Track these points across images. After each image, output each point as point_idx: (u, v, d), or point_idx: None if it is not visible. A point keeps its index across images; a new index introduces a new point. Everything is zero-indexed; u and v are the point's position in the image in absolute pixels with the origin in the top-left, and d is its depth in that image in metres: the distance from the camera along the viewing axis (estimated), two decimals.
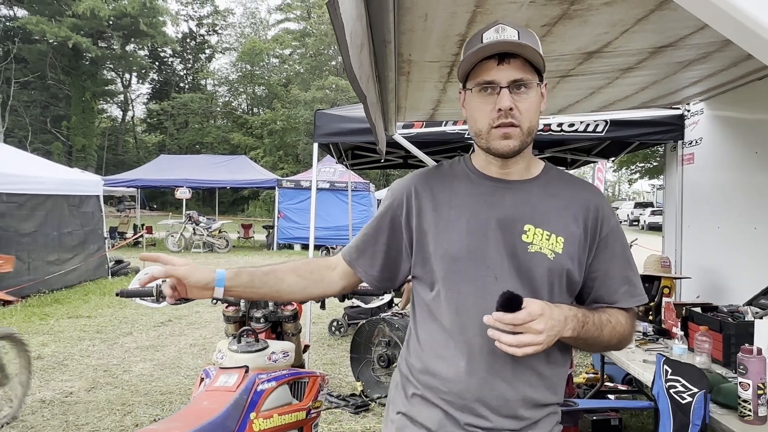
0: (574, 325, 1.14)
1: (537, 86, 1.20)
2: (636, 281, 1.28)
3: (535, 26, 1.98)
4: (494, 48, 1.16)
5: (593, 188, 1.33)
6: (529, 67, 1.18)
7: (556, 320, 1.10)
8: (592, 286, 1.27)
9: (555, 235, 1.21)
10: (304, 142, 33.55)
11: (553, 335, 1.10)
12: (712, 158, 3.98)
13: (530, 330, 1.06)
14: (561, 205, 1.25)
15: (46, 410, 4.19)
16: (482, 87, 1.19)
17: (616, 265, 1.26)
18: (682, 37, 2.22)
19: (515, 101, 1.16)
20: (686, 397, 2.15)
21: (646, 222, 29.21)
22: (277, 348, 1.81)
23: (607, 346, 1.27)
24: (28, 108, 35.24)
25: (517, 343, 1.06)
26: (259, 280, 1.34)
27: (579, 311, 1.17)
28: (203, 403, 1.52)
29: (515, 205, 1.24)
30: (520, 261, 1.20)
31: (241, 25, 47.66)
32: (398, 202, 1.33)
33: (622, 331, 1.25)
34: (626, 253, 1.29)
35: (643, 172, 30.60)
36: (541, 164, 1.32)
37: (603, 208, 1.27)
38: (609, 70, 2.74)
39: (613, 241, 1.26)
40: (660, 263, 3.83)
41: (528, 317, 1.05)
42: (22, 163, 9.24)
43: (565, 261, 1.21)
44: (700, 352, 2.76)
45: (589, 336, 1.18)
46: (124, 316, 7.49)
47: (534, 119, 1.21)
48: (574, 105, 3.68)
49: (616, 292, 1.26)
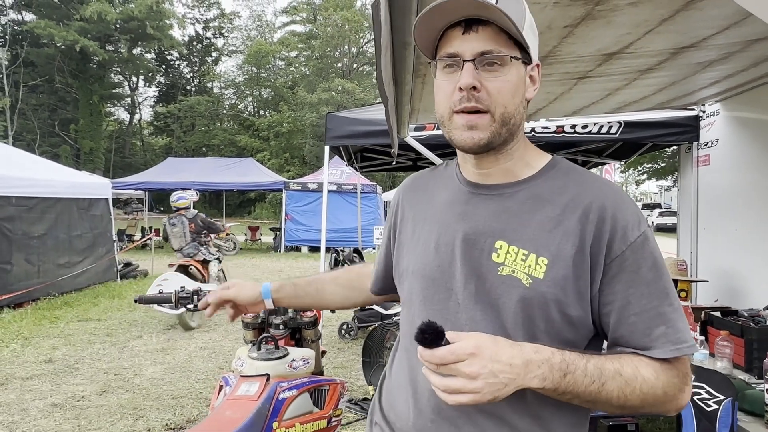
0: (544, 372, 0.84)
1: (516, 63, 0.93)
2: (677, 320, 0.91)
3: (558, 27, 1.95)
4: (451, 9, 0.90)
5: (607, 189, 0.97)
6: (505, 39, 0.92)
7: (503, 364, 0.82)
8: (608, 324, 0.94)
9: (535, 255, 0.93)
10: (311, 144, 33.61)
11: (500, 384, 0.82)
12: (728, 159, 3.94)
13: (459, 373, 0.81)
14: (552, 215, 0.95)
15: (58, 414, 4.18)
16: (446, 62, 0.95)
17: (642, 296, 0.91)
18: (705, 37, 2.18)
19: (483, 79, 0.91)
20: (711, 404, 2.11)
21: (654, 223, 29.04)
22: (298, 355, 1.79)
23: (623, 407, 0.90)
24: (36, 111, 35.46)
25: (444, 388, 0.82)
26: (302, 290, 1.38)
27: (557, 354, 0.86)
28: (226, 412, 1.50)
29: (488, 217, 0.98)
30: (487, 286, 0.95)
31: (247, 27, 47.85)
32: (392, 212, 1.23)
33: (647, 390, 0.88)
34: (658, 281, 0.92)
35: (650, 173, 30.48)
36: (543, 160, 1.03)
37: (619, 215, 0.93)
38: (627, 72, 2.70)
39: (636, 261, 0.91)
40: (676, 266, 3.78)
41: (450, 356, 0.80)
42: (32, 166, 9.28)
43: (547, 289, 0.91)
44: (722, 357, 2.72)
45: (580, 391, 0.86)
46: (134, 319, 7.49)
47: (510, 104, 0.93)
48: (589, 107, 3.65)
49: (645, 335, 0.91)
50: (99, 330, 6.93)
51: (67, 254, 9.28)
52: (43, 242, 8.67)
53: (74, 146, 36.18)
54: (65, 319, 7.49)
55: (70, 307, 8.25)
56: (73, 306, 8.36)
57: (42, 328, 6.92)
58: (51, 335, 6.59)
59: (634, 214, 0.94)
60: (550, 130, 4.38)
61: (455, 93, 0.93)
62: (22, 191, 8.17)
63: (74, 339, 6.45)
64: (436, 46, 0.98)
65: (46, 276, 8.65)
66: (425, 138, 4.43)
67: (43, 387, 4.78)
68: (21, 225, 8.18)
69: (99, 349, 6.06)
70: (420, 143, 4.33)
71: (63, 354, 5.81)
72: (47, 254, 8.75)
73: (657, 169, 29.17)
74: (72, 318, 7.55)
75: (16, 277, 8.01)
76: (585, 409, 0.99)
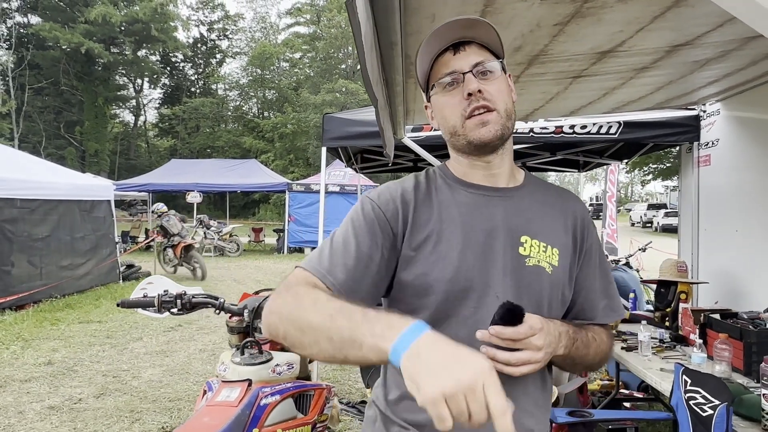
0: (566, 342, 1.06)
1: (501, 72, 1.11)
2: (614, 295, 1.21)
3: (547, 25, 1.91)
4: (444, 35, 1.08)
5: (575, 197, 1.25)
6: (488, 53, 1.11)
7: (552, 335, 1.01)
8: (575, 300, 1.18)
9: (551, 247, 1.12)
10: (314, 145, 33.60)
11: (550, 352, 1.00)
12: (729, 160, 3.88)
13: (530, 346, 0.96)
14: (552, 214, 1.16)
15: (55, 417, 4.17)
16: (446, 82, 1.10)
17: (597, 278, 1.19)
18: (699, 35, 2.14)
19: (483, 85, 1.07)
20: (707, 409, 2.06)
21: (659, 224, 28.88)
22: (282, 360, 1.76)
23: (590, 366, 1.20)
24: (41, 114, 35.67)
25: (516, 361, 0.95)
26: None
27: (570, 328, 1.09)
28: (204, 419, 1.47)
29: (509, 216, 1.12)
30: (521, 277, 1.09)
31: (251, 29, 47.98)
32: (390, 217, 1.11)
33: (605, 349, 1.18)
34: (604, 265, 1.22)
35: (656, 174, 30.30)
36: (522, 171, 1.23)
37: (586, 217, 1.21)
38: (623, 70, 2.66)
39: (594, 252, 1.20)
40: (676, 268, 3.73)
41: (529, 331, 0.95)
42: (34, 168, 9.31)
43: (561, 274, 1.12)
44: (720, 361, 2.67)
45: (578, 354, 1.10)
46: (134, 321, 7.49)
47: (509, 102, 1.10)
48: (587, 106, 3.60)
49: (597, 307, 1.19)
50: (99, 332, 6.93)
51: (69, 256, 9.30)
52: (46, 244, 8.69)
53: (79, 148, 36.36)
54: (66, 321, 7.49)
55: (71, 309, 8.26)
56: (74, 308, 8.37)
57: (43, 330, 6.93)
58: (51, 337, 6.59)
59: (590, 217, 1.24)
60: (549, 130, 4.34)
61: (462, 102, 1.08)
62: (25, 193, 8.20)
63: (74, 341, 6.45)
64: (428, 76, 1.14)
65: (49, 278, 8.67)
66: (422, 139, 4.39)
67: (41, 389, 4.78)
68: (23, 227, 8.20)
69: (99, 351, 6.06)
70: (418, 144, 4.30)
71: (62, 356, 5.81)
72: (50, 256, 8.77)
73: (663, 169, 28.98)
74: (73, 320, 7.56)
75: (18, 279, 8.02)
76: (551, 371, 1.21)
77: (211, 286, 10.69)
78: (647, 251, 7.34)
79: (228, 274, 12.67)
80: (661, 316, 3.71)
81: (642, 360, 3.00)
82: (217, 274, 12.61)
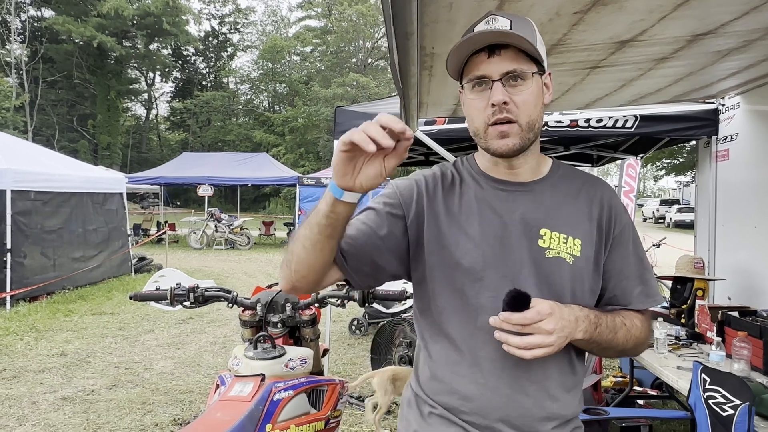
0: (586, 326, 1.07)
1: (535, 76, 1.11)
2: (651, 281, 1.21)
3: (567, 14, 1.86)
4: (479, 40, 1.08)
5: (603, 183, 1.25)
6: (524, 57, 1.09)
7: (566, 320, 1.03)
8: (606, 287, 1.19)
9: (572, 238, 1.14)
10: (325, 139, 33.60)
11: (564, 336, 1.03)
12: (748, 155, 3.80)
13: (539, 330, 1.00)
14: (574, 204, 1.18)
15: (68, 408, 4.20)
16: (475, 83, 1.11)
17: (630, 264, 1.19)
18: (723, 23, 2.08)
19: (510, 94, 1.08)
20: (727, 409, 2.02)
21: (672, 219, 28.59)
22: (295, 354, 1.73)
23: (623, 351, 1.20)
24: (55, 107, 35.96)
25: (526, 345, 1.00)
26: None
27: (591, 312, 1.10)
28: (216, 414, 1.45)
29: (528, 209, 1.16)
30: (539, 268, 1.12)
31: (262, 23, 47.94)
32: (406, 201, 1.20)
33: (638, 334, 1.18)
34: (639, 252, 1.22)
35: (669, 169, 29.98)
36: (549, 161, 1.25)
37: (615, 204, 1.21)
38: (642, 61, 2.60)
39: (626, 239, 1.19)
40: (693, 264, 3.67)
41: (537, 316, 0.99)
42: (48, 161, 9.37)
43: (584, 264, 1.14)
44: (739, 359, 2.62)
45: (602, 339, 1.11)
46: (146, 313, 7.53)
47: (533, 112, 1.11)
48: (603, 98, 3.54)
49: (631, 293, 1.18)
50: (112, 324, 6.97)
51: (82, 248, 9.37)
52: (59, 236, 8.76)
53: (92, 141, 36.63)
54: (79, 312, 7.55)
55: (84, 301, 8.32)
56: (87, 300, 8.43)
57: (56, 322, 6.98)
58: (64, 329, 6.65)
59: (621, 204, 1.24)
60: (564, 124, 4.28)
61: (488, 109, 1.09)
62: (38, 186, 8.26)
63: (87, 333, 6.50)
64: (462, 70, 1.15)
65: (62, 270, 8.74)
66: (435, 132, 4.34)
67: (55, 380, 4.81)
68: (37, 219, 8.27)
69: (111, 342, 6.10)
70: (430, 138, 4.25)
71: (75, 347, 5.85)
72: (62, 248, 8.84)
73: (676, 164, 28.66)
74: (86, 312, 7.62)
75: (31, 271, 8.09)
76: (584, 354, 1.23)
77: (222, 279, 10.74)
78: (662, 247, 7.26)
79: (239, 267, 12.71)
80: (677, 312, 3.65)
81: (658, 357, 2.95)
82: (228, 267, 12.66)
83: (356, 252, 1.13)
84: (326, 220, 1.01)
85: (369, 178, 0.95)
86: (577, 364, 1.19)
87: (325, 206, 1.00)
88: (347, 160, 0.94)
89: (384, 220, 1.17)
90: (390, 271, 1.19)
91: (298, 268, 1.10)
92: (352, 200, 0.99)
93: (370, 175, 0.95)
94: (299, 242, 1.08)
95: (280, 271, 1.15)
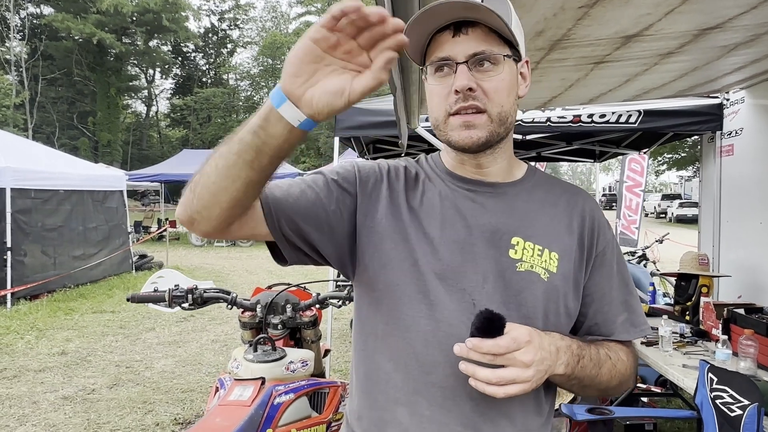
0: (568, 358, 0.90)
1: (508, 61, 0.93)
2: (637, 308, 1.05)
3: (572, 8, 1.82)
4: (441, 12, 0.89)
5: (586, 194, 1.09)
6: (496, 38, 0.92)
7: (546, 351, 0.85)
8: (586, 313, 1.02)
9: (548, 251, 0.97)
10: (326, 135, 33.52)
11: (543, 371, 0.85)
12: (753, 150, 3.76)
13: (514, 362, 0.81)
14: (553, 214, 1.01)
15: (69, 407, 4.18)
16: (437, 66, 0.94)
17: (614, 288, 1.03)
18: (730, 17, 2.04)
19: (478, 80, 0.91)
20: (735, 409, 1.99)
21: (674, 214, 28.55)
22: (296, 357, 1.70)
23: (606, 389, 1.02)
24: (55, 104, 35.91)
25: (498, 380, 0.81)
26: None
27: (573, 342, 0.93)
28: (216, 419, 1.42)
29: (499, 214, 0.98)
30: (508, 283, 0.94)
31: (262, 19, 47.80)
32: (363, 181, 1.01)
33: (623, 370, 1.01)
34: (624, 274, 1.06)
35: (671, 164, 29.90)
36: (523, 166, 1.08)
37: (599, 217, 1.05)
38: (647, 56, 2.56)
39: (610, 259, 1.03)
40: (698, 261, 3.64)
41: (512, 344, 0.81)
42: (48, 159, 9.34)
43: (560, 283, 0.97)
44: (745, 357, 2.59)
45: (585, 375, 0.94)
46: (147, 311, 7.50)
47: (506, 103, 0.94)
48: (607, 94, 3.50)
49: (614, 321, 1.02)
50: (112, 322, 6.96)
51: (82, 246, 9.35)
52: (59, 234, 8.74)
53: (92, 139, 36.60)
54: (80, 311, 7.54)
55: (85, 299, 8.31)
56: (88, 298, 8.42)
57: (57, 320, 6.97)
58: (65, 327, 6.63)
59: (605, 217, 1.07)
60: (567, 119, 4.24)
61: (450, 96, 0.92)
62: (38, 184, 8.23)
63: (88, 331, 6.48)
64: (425, 51, 0.97)
65: (62, 268, 8.72)
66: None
67: (55, 379, 4.79)
68: (37, 217, 8.25)
69: (112, 341, 6.08)
70: (432, 134, 4.22)
71: (76, 346, 5.83)
72: (63, 246, 8.82)
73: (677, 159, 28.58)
74: (86, 310, 7.60)
75: (32, 269, 8.07)
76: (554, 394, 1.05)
77: (224, 276, 10.72)
78: (665, 243, 7.21)
79: (240, 264, 12.70)
80: (681, 310, 3.62)
81: (663, 355, 2.92)
82: (229, 264, 12.65)
83: (292, 213, 0.93)
84: (251, 138, 0.78)
85: (326, 93, 0.72)
86: (545, 404, 1.01)
87: (257, 118, 0.78)
88: (310, 53, 0.71)
89: (333, 193, 0.98)
90: (322, 253, 0.98)
91: (202, 193, 0.84)
92: (292, 120, 0.75)
93: (328, 89, 0.72)
94: (212, 160, 0.84)
95: (182, 197, 0.90)
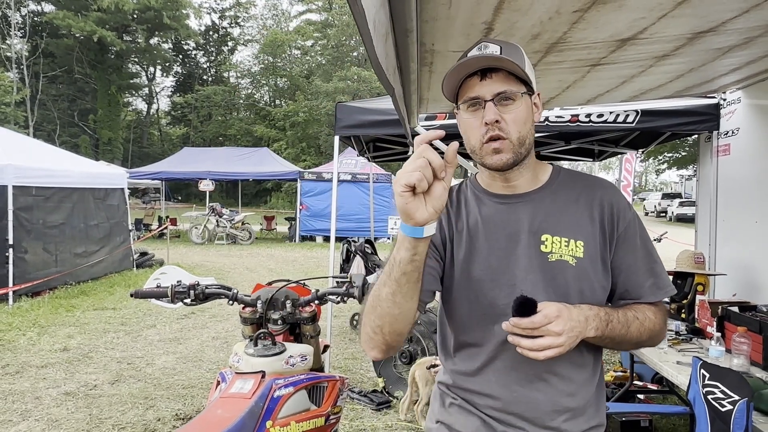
0: (597, 324, 1.13)
1: (524, 96, 1.20)
2: (661, 273, 1.25)
3: (567, 12, 1.86)
4: (472, 64, 1.18)
5: (606, 184, 1.31)
6: (514, 80, 1.19)
7: (575, 321, 1.08)
8: (617, 283, 1.24)
9: (574, 240, 1.21)
10: (326, 133, 33.55)
11: (574, 336, 1.08)
12: (749, 149, 3.80)
13: (548, 333, 1.05)
14: (575, 208, 1.25)
15: (71, 403, 4.22)
16: (469, 104, 1.20)
17: (639, 258, 1.24)
18: (724, 21, 2.08)
19: (501, 113, 1.17)
20: (726, 404, 2.03)
21: (674, 213, 28.56)
22: (295, 351, 1.75)
23: (638, 343, 1.24)
24: (56, 102, 35.94)
25: (537, 347, 1.05)
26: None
27: (601, 310, 1.15)
28: (217, 411, 1.46)
29: (529, 218, 1.24)
30: (544, 272, 1.20)
31: (263, 17, 47.73)
32: (438, 243, 1.29)
33: (652, 326, 1.22)
34: (648, 245, 1.26)
35: (671, 163, 29.92)
36: (548, 168, 1.32)
37: (618, 202, 1.26)
38: (643, 58, 2.59)
39: (632, 234, 1.24)
40: (693, 259, 3.68)
41: (544, 320, 1.04)
42: (49, 156, 9.38)
43: (588, 264, 1.20)
44: (738, 354, 2.63)
45: (615, 334, 1.16)
46: (148, 308, 7.55)
47: (523, 129, 1.20)
48: (604, 95, 3.53)
49: (642, 286, 1.23)
50: (114, 319, 7.00)
51: (83, 243, 9.39)
52: (61, 231, 8.78)
53: (93, 136, 36.62)
54: (81, 307, 7.58)
55: (86, 296, 8.36)
56: (89, 295, 8.46)
57: (58, 317, 7.01)
58: (67, 324, 6.68)
59: (625, 201, 1.28)
60: (564, 119, 4.27)
61: (482, 127, 1.18)
62: (40, 181, 8.26)
63: (89, 328, 6.53)
64: (457, 93, 1.25)
65: (63, 265, 8.77)
66: (436, 127, 4.33)
67: (57, 375, 4.84)
68: (38, 214, 8.28)
69: (113, 337, 6.12)
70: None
71: (78, 343, 5.88)
72: (64, 243, 8.86)
73: (678, 158, 28.61)
74: (88, 307, 7.64)
75: (33, 266, 8.11)
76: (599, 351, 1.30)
77: (224, 274, 10.76)
78: (663, 241, 7.25)
79: (240, 262, 12.74)
80: (677, 307, 3.66)
81: (658, 352, 2.97)
82: (230, 262, 12.69)
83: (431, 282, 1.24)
84: (412, 266, 1.03)
85: (438, 198, 0.96)
86: (587, 359, 1.24)
87: (407, 252, 1.01)
88: (411, 198, 0.95)
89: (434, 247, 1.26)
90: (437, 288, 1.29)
91: (393, 328, 1.11)
92: (432, 231, 1.00)
93: (437, 194, 0.96)
94: (386, 303, 1.08)
95: (367, 343, 1.17)
